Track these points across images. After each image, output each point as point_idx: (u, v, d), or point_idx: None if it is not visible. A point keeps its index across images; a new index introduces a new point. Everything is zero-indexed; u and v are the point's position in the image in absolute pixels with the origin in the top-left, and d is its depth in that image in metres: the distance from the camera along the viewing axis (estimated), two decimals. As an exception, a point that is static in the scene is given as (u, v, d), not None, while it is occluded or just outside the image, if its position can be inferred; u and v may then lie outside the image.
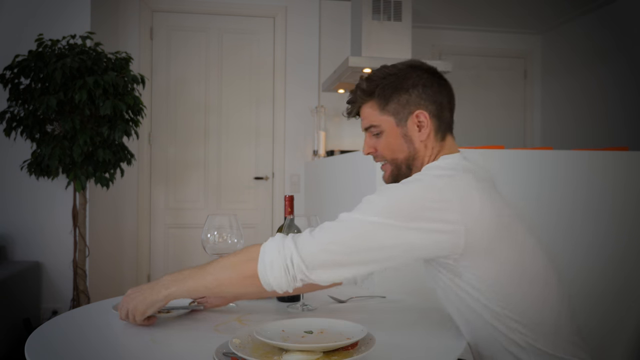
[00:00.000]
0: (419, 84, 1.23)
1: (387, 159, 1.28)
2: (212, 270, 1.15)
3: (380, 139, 1.27)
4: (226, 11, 4.44)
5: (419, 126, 1.24)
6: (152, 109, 4.30)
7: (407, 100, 1.23)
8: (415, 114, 1.23)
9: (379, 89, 1.24)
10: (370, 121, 1.27)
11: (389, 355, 1.03)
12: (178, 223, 4.35)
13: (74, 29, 3.54)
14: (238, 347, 0.95)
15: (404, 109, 1.23)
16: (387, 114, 1.25)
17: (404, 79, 1.24)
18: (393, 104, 1.24)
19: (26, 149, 3.37)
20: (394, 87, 1.23)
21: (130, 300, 1.17)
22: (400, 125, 1.24)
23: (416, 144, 1.25)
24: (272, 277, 1.08)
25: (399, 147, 1.25)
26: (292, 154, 4.50)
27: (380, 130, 1.26)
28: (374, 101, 1.25)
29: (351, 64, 3.68)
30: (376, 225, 1.08)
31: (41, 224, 3.60)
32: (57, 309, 3.57)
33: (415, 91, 1.23)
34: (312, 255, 1.08)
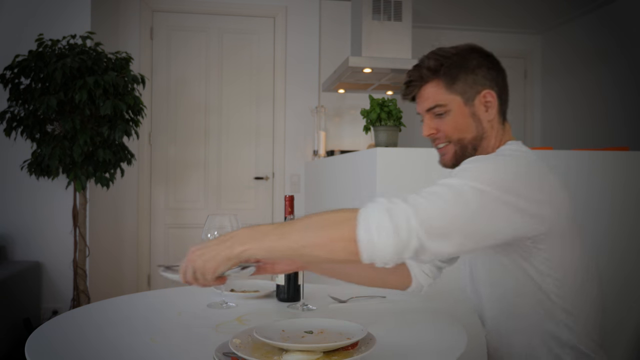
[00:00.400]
0: (483, 65, 1.23)
1: (453, 140, 1.24)
2: (298, 228, 1.02)
3: (445, 119, 1.24)
4: (226, 11, 4.44)
5: (485, 106, 1.23)
6: (152, 109, 4.30)
7: (473, 79, 1.22)
8: (483, 93, 1.22)
9: (445, 67, 1.22)
10: (435, 100, 1.24)
11: (389, 355, 1.03)
12: (178, 223, 4.35)
13: (74, 29, 3.54)
14: (238, 347, 0.95)
15: (471, 88, 1.22)
16: (454, 93, 1.22)
17: (468, 60, 1.23)
18: (460, 83, 1.22)
19: (26, 149, 3.37)
20: (460, 66, 1.22)
21: (197, 257, 1.04)
22: (468, 105, 1.22)
23: (484, 123, 1.23)
24: (378, 242, 0.94)
25: (467, 126, 1.23)
26: (292, 154, 4.50)
27: (447, 109, 1.23)
28: (440, 80, 1.22)
29: (351, 64, 3.68)
30: (491, 196, 1.00)
31: (41, 224, 3.60)
32: (58, 309, 3.57)
33: (481, 71, 1.22)
34: (432, 220, 0.95)
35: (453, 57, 1.23)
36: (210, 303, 1.41)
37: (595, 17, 4.71)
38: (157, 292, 1.62)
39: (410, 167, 2.37)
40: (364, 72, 3.85)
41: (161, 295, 1.59)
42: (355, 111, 4.55)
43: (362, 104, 4.44)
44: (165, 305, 1.45)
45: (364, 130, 3.06)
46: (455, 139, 1.24)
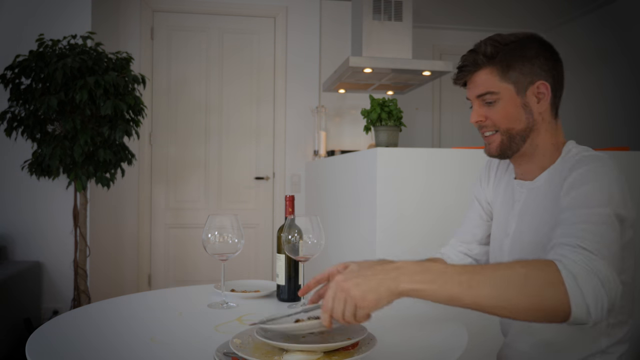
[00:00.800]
0: (540, 55, 1.21)
1: (501, 129, 1.22)
2: (489, 279, 0.89)
3: (495, 108, 1.22)
4: (227, 11, 4.45)
5: (538, 97, 1.21)
6: (153, 109, 4.30)
7: (529, 69, 1.20)
8: (537, 84, 1.20)
9: (501, 55, 1.20)
10: (487, 87, 1.21)
11: (389, 355, 1.03)
12: (178, 223, 4.35)
13: (74, 29, 3.54)
14: (239, 347, 0.95)
15: (525, 78, 1.20)
16: (507, 82, 1.20)
17: (526, 48, 1.20)
18: (515, 72, 1.19)
19: (27, 149, 3.37)
20: (516, 55, 1.19)
21: (352, 286, 0.89)
22: (520, 95, 1.20)
23: (535, 115, 1.21)
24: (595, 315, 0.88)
25: (517, 116, 1.21)
26: (292, 154, 4.50)
27: (498, 97, 1.21)
28: (495, 67, 1.20)
29: (352, 64, 3.68)
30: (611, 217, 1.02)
31: (42, 224, 3.60)
32: (58, 309, 3.57)
33: (537, 61, 1.20)
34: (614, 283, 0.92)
35: (511, 44, 1.20)
36: (210, 303, 1.41)
37: (595, 17, 4.70)
38: (158, 292, 1.62)
39: (411, 167, 2.37)
40: (364, 72, 3.85)
41: (161, 295, 1.59)
42: (355, 111, 4.55)
43: (362, 104, 4.44)
44: (166, 305, 1.45)
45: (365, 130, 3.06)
46: (504, 129, 1.22)
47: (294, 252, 1.36)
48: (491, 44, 1.21)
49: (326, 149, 4.35)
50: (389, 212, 2.34)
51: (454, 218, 2.35)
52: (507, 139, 1.22)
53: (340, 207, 3.09)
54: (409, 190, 2.36)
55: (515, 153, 1.24)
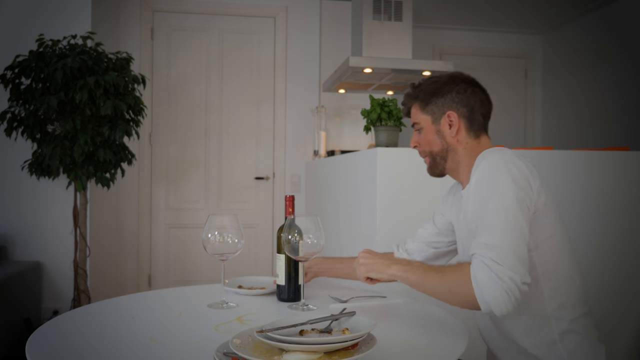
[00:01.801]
0: (453, 90, 1.46)
1: (426, 152, 1.51)
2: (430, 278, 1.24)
3: (421, 135, 1.50)
4: (227, 11, 4.45)
5: (450, 125, 1.45)
6: (153, 109, 4.30)
7: (442, 103, 1.46)
8: (447, 114, 1.45)
9: (422, 93, 1.49)
10: (414, 119, 1.52)
11: (389, 355, 1.03)
12: (179, 223, 4.35)
13: (74, 29, 3.54)
14: (239, 347, 0.95)
15: (439, 110, 1.46)
16: (426, 114, 1.48)
17: (442, 86, 1.47)
18: (431, 106, 1.47)
19: (27, 149, 3.37)
20: (433, 92, 1.47)
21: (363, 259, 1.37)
22: (435, 124, 1.47)
23: (448, 139, 1.46)
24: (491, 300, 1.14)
25: (433, 141, 1.48)
26: (292, 154, 4.50)
27: (421, 127, 1.50)
28: (418, 103, 1.50)
29: (352, 64, 3.68)
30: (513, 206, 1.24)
31: (42, 224, 3.60)
32: (58, 309, 3.57)
33: (449, 96, 1.45)
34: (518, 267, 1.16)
35: (431, 84, 1.48)
36: (210, 303, 1.41)
37: (595, 17, 4.71)
38: (158, 292, 1.63)
39: (411, 167, 2.37)
40: (364, 72, 3.85)
41: (161, 296, 1.59)
42: (355, 111, 4.55)
43: (362, 104, 4.44)
44: (166, 306, 1.46)
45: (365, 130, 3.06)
46: (427, 151, 1.50)
47: (294, 252, 1.37)
48: (415, 88, 1.51)
49: (326, 149, 4.35)
50: (388, 211, 2.35)
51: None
52: (431, 159, 1.50)
53: (340, 207, 3.09)
54: (408, 190, 2.36)
55: (443, 170, 1.50)
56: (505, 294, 1.12)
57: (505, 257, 1.15)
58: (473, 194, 1.29)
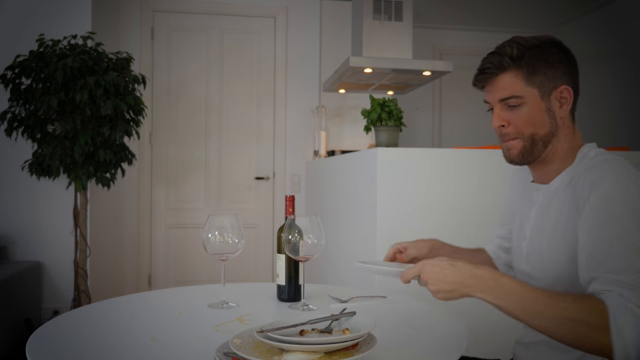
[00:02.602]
0: (563, 61, 1.20)
1: (524, 134, 1.21)
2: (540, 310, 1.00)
3: (519, 112, 1.20)
4: (227, 11, 4.45)
5: (560, 102, 1.20)
6: (153, 109, 4.30)
7: (552, 74, 1.19)
8: (560, 89, 1.19)
9: (527, 57, 1.18)
10: (511, 91, 1.19)
11: (389, 355, 1.03)
12: (179, 223, 4.35)
13: (74, 29, 3.54)
14: (239, 347, 0.95)
15: (550, 83, 1.19)
16: (532, 86, 1.19)
17: (548, 53, 1.19)
18: (539, 76, 1.18)
19: (27, 149, 3.37)
20: (541, 59, 1.19)
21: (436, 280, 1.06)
22: (545, 99, 1.19)
23: (558, 120, 1.20)
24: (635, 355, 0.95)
25: (541, 121, 1.19)
26: (292, 154, 4.50)
27: (523, 102, 1.19)
28: (521, 70, 1.19)
29: (352, 64, 3.68)
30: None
31: (42, 224, 3.60)
32: (58, 309, 3.57)
33: (560, 66, 1.19)
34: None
35: (535, 48, 1.19)
36: (210, 303, 1.41)
37: (595, 17, 4.70)
38: (158, 292, 1.62)
39: (411, 167, 2.37)
40: (364, 72, 3.85)
41: (162, 296, 1.59)
42: (355, 111, 4.55)
43: (362, 104, 4.44)
44: (166, 306, 1.45)
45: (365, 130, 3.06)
46: (528, 134, 1.21)
47: (294, 252, 1.36)
48: (517, 47, 1.20)
49: (326, 149, 4.35)
50: (389, 212, 2.35)
51: (454, 218, 2.35)
52: (529, 144, 1.21)
53: (340, 207, 3.09)
54: (409, 190, 2.36)
55: (536, 159, 1.23)
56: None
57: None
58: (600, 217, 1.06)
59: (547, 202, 1.24)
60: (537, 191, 1.28)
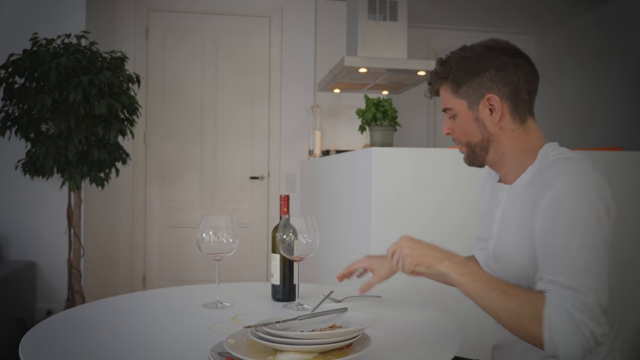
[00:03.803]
0: (491, 67, 1.22)
1: (462, 141, 1.28)
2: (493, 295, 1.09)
3: (456, 122, 1.28)
4: (222, 11, 4.44)
5: (490, 110, 1.22)
6: (148, 109, 4.29)
7: (478, 83, 1.22)
8: (487, 97, 1.22)
9: (453, 72, 1.24)
10: (445, 103, 1.28)
11: (383, 355, 1.03)
12: (173, 223, 4.34)
13: (69, 28, 3.53)
14: (233, 347, 0.95)
15: (476, 92, 1.23)
16: (459, 98, 1.25)
17: (477, 62, 1.23)
18: (465, 88, 1.23)
19: (21, 149, 3.35)
20: (466, 71, 1.23)
21: (409, 249, 1.17)
22: (472, 109, 1.24)
23: (489, 127, 1.23)
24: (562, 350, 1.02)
25: (472, 130, 1.25)
26: (287, 153, 4.49)
27: (454, 113, 1.27)
28: (448, 84, 1.26)
29: (347, 64, 3.68)
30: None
31: (36, 224, 3.59)
32: (52, 309, 3.56)
33: (487, 74, 1.22)
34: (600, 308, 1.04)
35: (463, 60, 1.24)
36: (205, 303, 1.41)
37: (590, 18, 4.72)
38: (152, 292, 1.62)
39: (406, 166, 2.37)
40: (359, 72, 3.85)
41: (156, 296, 1.59)
42: (350, 111, 4.56)
43: (357, 104, 4.44)
44: (160, 305, 1.45)
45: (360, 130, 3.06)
46: (465, 142, 1.28)
47: (288, 252, 1.36)
48: (442, 64, 1.27)
49: (321, 148, 4.35)
50: (383, 211, 2.35)
51: (449, 217, 2.36)
52: (470, 151, 1.28)
53: (335, 206, 3.09)
54: (403, 189, 2.36)
55: (483, 162, 1.29)
56: (580, 347, 1.00)
57: (589, 306, 1.02)
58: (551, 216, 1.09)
59: (510, 201, 1.26)
60: (502, 191, 1.31)
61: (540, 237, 1.12)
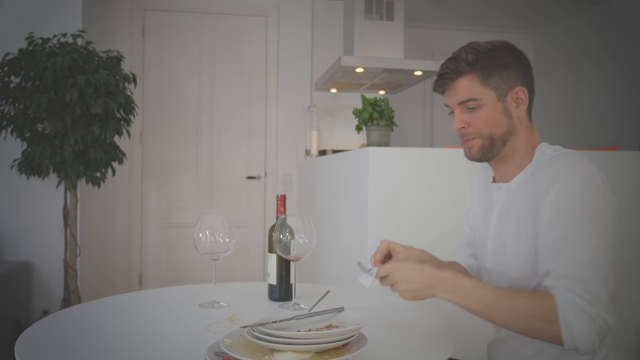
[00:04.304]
0: (516, 63, 1.26)
1: (483, 134, 1.26)
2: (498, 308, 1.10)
3: (477, 114, 1.26)
4: (218, 10, 4.43)
5: (516, 102, 1.25)
6: (144, 108, 4.28)
7: (507, 76, 1.24)
8: (515, 90, 1.25)
9: (482, 61, 1.24)
10: (469, 94, 1.25)
11: (379, 354, 1.03)
12: (170, 222, 4.33)
13: (65, 28, 3.51)
14: (230, 347, 0.95)
15: (505, 84, 1.24)
16: (488, 88, 1.24)
17: (502, 56, 1.25)
18: (495, 78, 1.24)
19: (16, 148, 3.34)
20: (495, 62, 1.24)
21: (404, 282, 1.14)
22: (501, 100, 1.25)
23: (515, 119, 1.26)
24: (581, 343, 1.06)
25: (499, 121, 1.25)
26: (284, 153, 4.49)
27: (480, 104, 1.25)
28: (476, 74, 1.25)
29: (344, 64, 3.68)
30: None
31: (32, 224, 3.58)
32: (48, 309, 3.55)
33: (514, 68, 1.25)
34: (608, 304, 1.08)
35: (489, 52, 1.25)
36: (201, 303, 1.41)
37: (586, 18, 4.73)
38: (149, 292, 1.62)
39: (402, 166, 2.37)
40: (356, 72, 3.85)
41: (152, 296, 1.58)
42: (347, 111, 4.55)
43: (354, 104, 4.44)
44: (157, 306, 1.45)
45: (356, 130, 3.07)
46: (487, 134, 1.26)
47: (285, 252, 1.36)
48: (471, 52, 1.25)
49: (318, 148, 4.35)
50: (380, 211, 2.35)
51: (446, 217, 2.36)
52: (488, 143, 1.27)
53: (331, 206, 3.09)
54: (400, 189, 2.36)
55: (495, 156, 1.29)
56: (597, 337, 1.05)
57: (600, 298, 1.06)
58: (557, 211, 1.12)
59: (509, 200, 1.28)
60: (499, 190, 1.32)
61: (546, 232, 1.14)
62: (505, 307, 1.10)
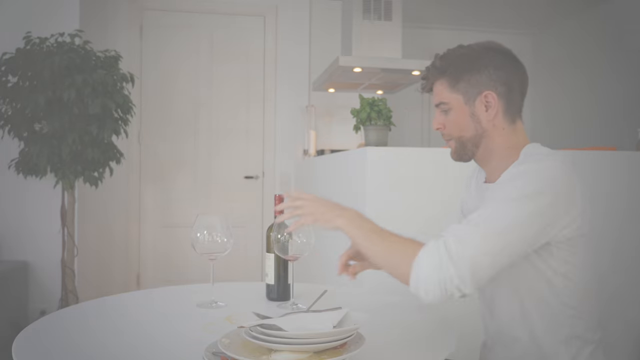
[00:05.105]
0: (490, 65, 1.26)
1: (454, 136, 1.30)
2: (380, 241, 1.15)
3: (449, 116, 1.30)
4: (216, 10, 4.43)
5: (486, 106, 1.26)
6: (142, 108, 4.27)
7: (477, 80, 1.26)
8: (484, 94, 1.25)
9: (452, 67, 1.28)
10: (440, 98, 1.30)
11: (378, 354, 1.03)
12: (168, 222, 4.33)
13: (62, 27, 3.50)
14: (227, 347, 0.95)
15: (473, 89, 1.26)
16: (456, 92, 1.27)
17: (476, 60, 1.27)
18: (463, 83, 1.26)
19: (14, 148, 3.33)
20: (466, 67, 1.27)
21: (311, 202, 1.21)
22: (468, 104, 1.27)
23: (483, 123, 1.27)
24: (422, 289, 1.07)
25: (465, 125, 1.28)
26: (282, 153, 4.49)
27: (449, 107, 1.29)
28: (445, 79, 1.29)
29: (341, 64, 3.68)
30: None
31: (29, 223, 3.57)
32: (45, 309, 3.54)
33: (486, 72, 1.26)
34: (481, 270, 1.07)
35: (463, 57, 1.28)
36: (199, 303, 1.41)
37: (584, 19, 4.74)
38: (146, 292, 1.62)
39: (400, 166, 2.37)
40: (354, 72, 3.85)
41: (150, 296, 1.58)
42: (345, 110, 4.55)
43: (352, 103, 4.42)
44: (155, 306, 1.45)
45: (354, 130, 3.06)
46: (457, 136, 1.30)
47: (283, 251, 1.36)
48: (442, 59, 1.30)
49: (316, 148, 4.35)
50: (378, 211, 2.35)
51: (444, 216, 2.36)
52: (459, 145, 1.30)
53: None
54: (398, 189, 2.36)
55: (471, 157, 1.32)
56: (438, 285, 1.04)
57: (463, 257, 1.04)
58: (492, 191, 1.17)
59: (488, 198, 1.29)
60: (487, 190, 1.33)
61: None
62: (381, 241, 1.14)
